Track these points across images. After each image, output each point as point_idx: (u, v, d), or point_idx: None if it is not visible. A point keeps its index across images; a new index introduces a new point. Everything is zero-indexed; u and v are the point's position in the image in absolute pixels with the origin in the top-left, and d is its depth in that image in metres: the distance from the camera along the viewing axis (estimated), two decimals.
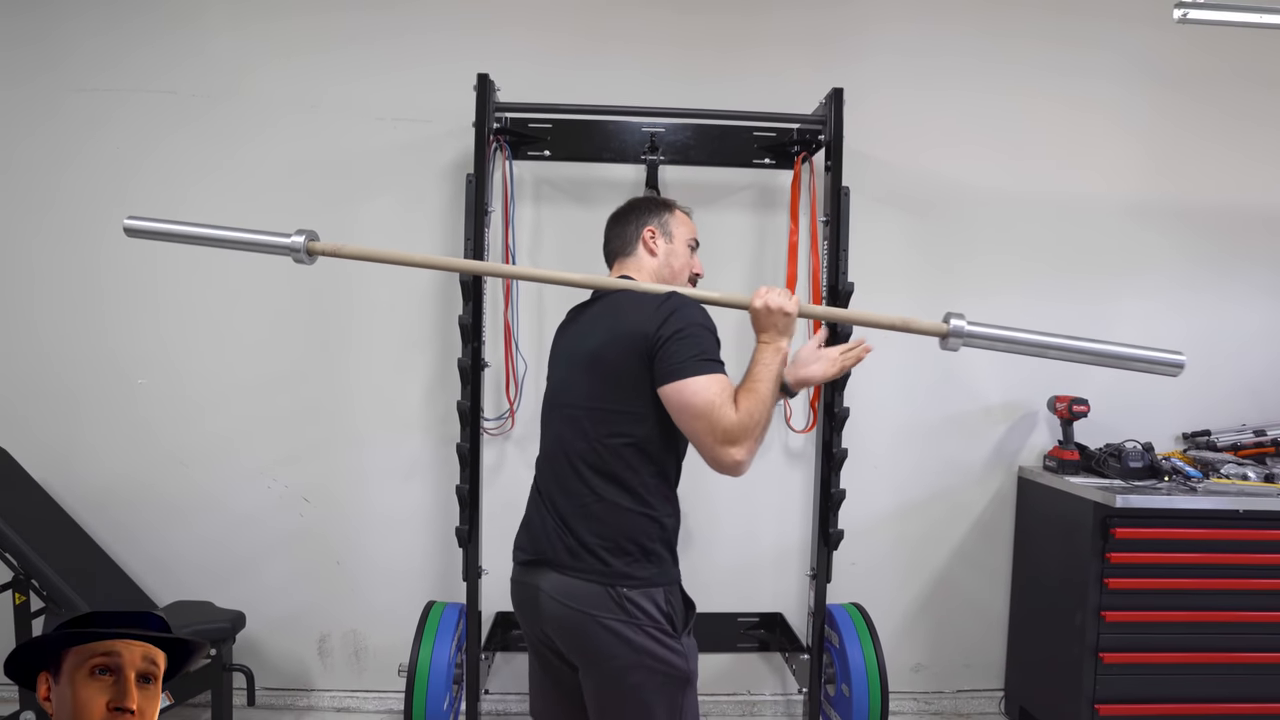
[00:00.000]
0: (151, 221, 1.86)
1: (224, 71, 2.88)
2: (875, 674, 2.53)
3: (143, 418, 2.91)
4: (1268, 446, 3.01)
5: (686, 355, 1.48)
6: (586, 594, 1.52)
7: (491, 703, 2.99)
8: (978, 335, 1.69)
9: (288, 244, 1.79)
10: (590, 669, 1.55)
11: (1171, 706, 2.62)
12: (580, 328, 1.69)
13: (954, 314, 1.70)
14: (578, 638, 1.53)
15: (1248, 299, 3.16)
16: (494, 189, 2.73)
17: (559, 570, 1.55)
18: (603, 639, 1.50)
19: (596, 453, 1.55)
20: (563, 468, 1.59)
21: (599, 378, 1.56)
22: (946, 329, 1.68)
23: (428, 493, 2.96)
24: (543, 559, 1.58)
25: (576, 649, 1.55)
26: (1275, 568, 2.62)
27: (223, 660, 2.64)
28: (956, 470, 3.09)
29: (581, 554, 1.53)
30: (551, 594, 1.55)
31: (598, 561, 1.52)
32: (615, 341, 1.55)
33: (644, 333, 1.51)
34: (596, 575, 1.52)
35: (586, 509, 1.55)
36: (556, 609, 1.54)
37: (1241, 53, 3.05)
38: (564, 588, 1.54)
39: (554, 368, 1.74)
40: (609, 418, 1.55)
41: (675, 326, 1.51)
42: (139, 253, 2.82)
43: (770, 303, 1.58)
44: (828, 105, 2.61)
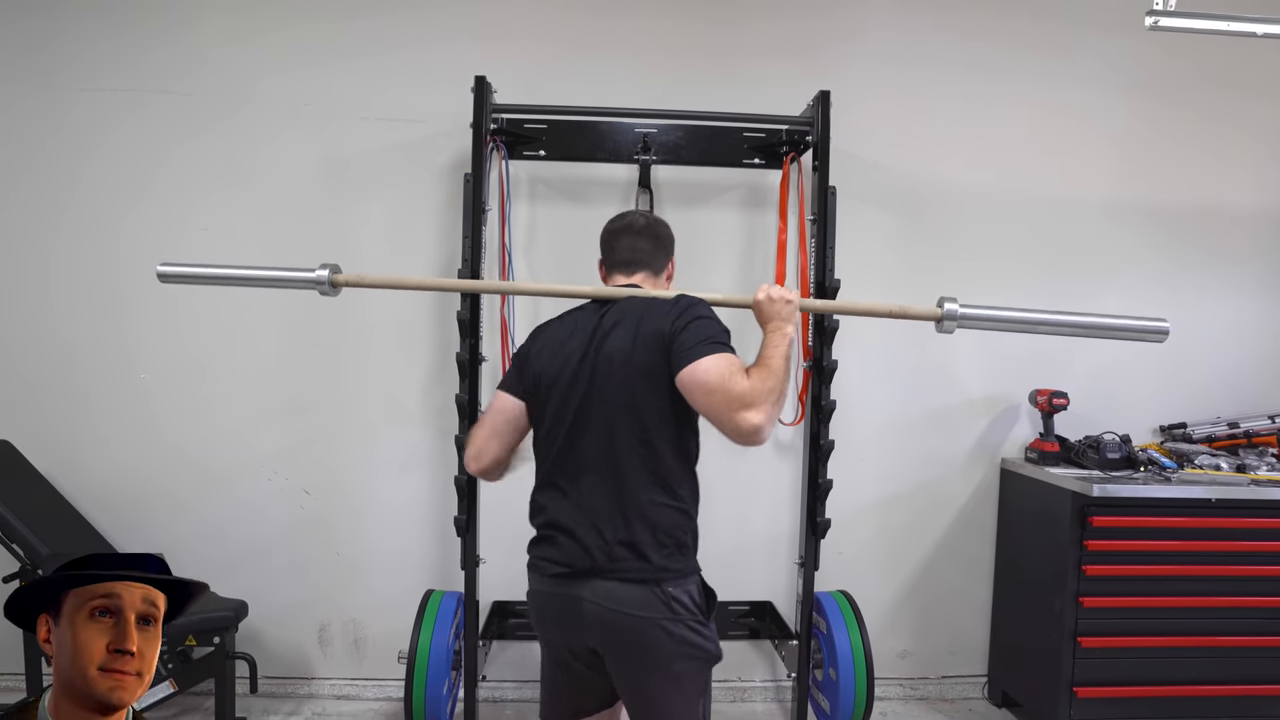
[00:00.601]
0: (183, 266, 2.00)
1: (221, 73, 2.94)
2: (861, 658, 2.61)
3: (146, 411, 2.97)
4: (1240, 438, 3.11)
5: (695, 341, 1.58)
6: (633, 597, 1.58)
7: (488, 689, 3.06)
8: (970, 317, 1.81)
9: (312, 278, 1.94)
10: (635, 665, 1.63)
11: (1148, 689, 2.71)
12: (596, 330, 1.68)
13: (947, 298, 1.81)
14: (626, 639, 1.60)
15: (1222, 296, 3.25)
16: (490, 188, 2.80)
17: (601, 577, 1.60)
18: (650, 637, 1.59)
19: (641, 457, 1.61)
20: (604, 474, 1.62)
21: (635, 385, 1.62)
22: (941, 313, 1.80)
23: (425, 485, 3.03)
24: (583, 570, 1.60)
25: (622, 649, 1.62)
26: (1246, 554, 2.71)
27: (225, 649, 2.70)
28: (941, 462, 3.18)
29: (624, 556, 1.59)
30: (598, 601, 1.59)
31: (639, 559, 1.59)
32: (644, 348, 1.62)
33: (661, 331, 1.61)
34: (639, 574, 1.59)
35: (637, 512, 1.60)
36: (604, 614, 1.59)
37: (1213, 58, 3.15)
38: (609, 593, 1.59)
39: (561, 371, 1.68)
40: (649, 423, 1.62)
41: (686, 320, 1.62)
42: (143, 249, 2.91)
43: (773, 293, 1.71)
44: (815, 107, 2.69)
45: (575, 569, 1.61)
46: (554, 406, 1.68)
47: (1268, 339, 3.28)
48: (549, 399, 1.68)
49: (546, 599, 1.69)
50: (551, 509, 1.68)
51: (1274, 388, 3.28)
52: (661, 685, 1.63)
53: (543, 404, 1.69)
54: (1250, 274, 3.26)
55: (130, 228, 2.93)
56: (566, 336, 1.72)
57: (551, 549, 1.66)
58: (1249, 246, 3.25)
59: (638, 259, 1.81)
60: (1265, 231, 3.25)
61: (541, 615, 1.72)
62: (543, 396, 1.69)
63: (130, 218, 2.93)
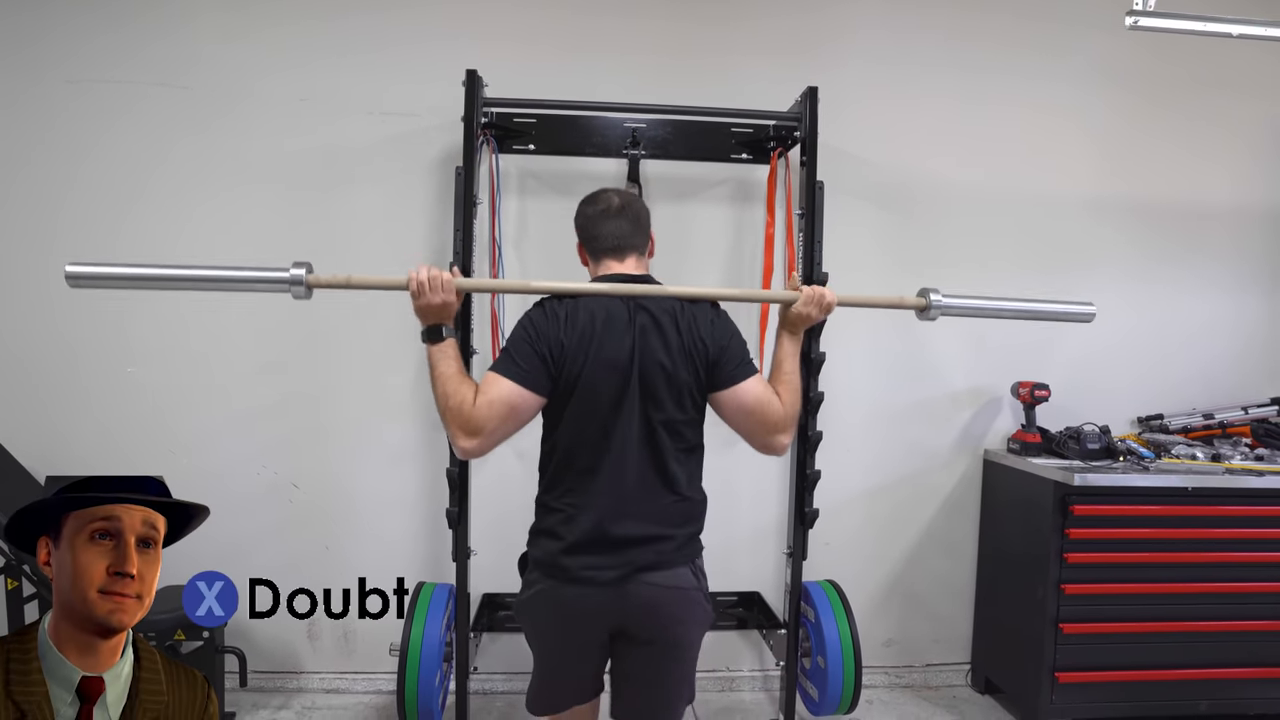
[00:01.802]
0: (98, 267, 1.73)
1: (213, 65, 2.92)
2: (850, 646, 2.65)
3: (132, 406, 2.95)
4: (1215, 429, 3.19)
5: (736, 362, 1.70)
6: (678, 577, 1.71)
7: (479, 681, 3.07)
8: (950, 306, 2.04)
9: (285, 278, 1.74)
10: (667, 634, 1.72)
11: (1127, 674, 2.78)
12: (633, 328, 1.67)
13: (930, 289, 2.02)
14: (671, 610, 1.70)
15: (1200, 291, 3.33)
16: (481, 181, 2.80)
17: (651, 570, 1.68)
18: (686, 608, 1.72)
19: (683, 460, 1.72)
20: (644, 476, 1.68)
21: (682, 399, 1.68)
22: (926, 302, 2.01)
23: (414, 478, 3.04)
24: (634, 568, 1.66)
25: (662, 621, 1.70)
26: (1221, 541, 2.78)
27: (215, 643, 2.69)
28: (925, 453, 3.23)
29: (668, 549, 1.70)
30: (647, 582, 1.67)
31: (677, 547, 1.72)
32: (685, 364, 1.67)
33: (704, 349, 1.68)
34: (679, 556, 1.72)
35: (679, 510, 1.73)
36: (653, 593, 1.68)
37: (1194, 57, 3.22)
38: (657, 577, 1.69)
39: (605, 372, 1.65)
40: (685, 429, 1.72)
41: (726, 338, 1.71)
42: (126, 243, 2.89)
43: (811, 315, 1.79)
44: (803, 103, 2.72)
45: (628, 571, 1.66)
46: (590, 409, 1.66)
47: (1243, 332, 3.36)
48: (587, 402, 1.65)
49: (583, 596, 1.67)
50: (586, 522, 1.66)
51: (1248, 380, 3.36)
52: (681, 652, 1.76)
53: (575, 404, 1.66)
54: (1227, 269, 3.34)
55: (125, 223, 2.90)
56: (596, 334, 1.65)
57: (601, 558, 1.66)
58: (1226, 242, 3.33)
59: (623, 243, 1.78)
60: (1242, 228, 3.33)
61: (576, 610, 1.69)
62: (579, 398, 1.65)
63: (127, 213, 2.91)
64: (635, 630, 1.70)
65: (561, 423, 1.69)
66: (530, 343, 1.66)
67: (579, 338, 1.65)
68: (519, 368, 1.64)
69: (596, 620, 1.70)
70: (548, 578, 1.70)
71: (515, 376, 1.63)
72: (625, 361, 1.65)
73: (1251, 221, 3.34)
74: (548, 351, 1.65)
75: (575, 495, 1.69)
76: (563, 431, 1.69)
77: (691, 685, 1.83)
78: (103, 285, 1.74)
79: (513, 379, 1.63)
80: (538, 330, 1.67)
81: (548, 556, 1.70)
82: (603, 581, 1.65)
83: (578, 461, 1.68)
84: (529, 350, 1.65)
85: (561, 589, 1.68)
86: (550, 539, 1.70)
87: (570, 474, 1.70)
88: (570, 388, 1.65)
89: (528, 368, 1.64)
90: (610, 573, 1.65)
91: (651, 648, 1.72)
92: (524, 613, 1.78)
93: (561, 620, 1.72)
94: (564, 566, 1.67)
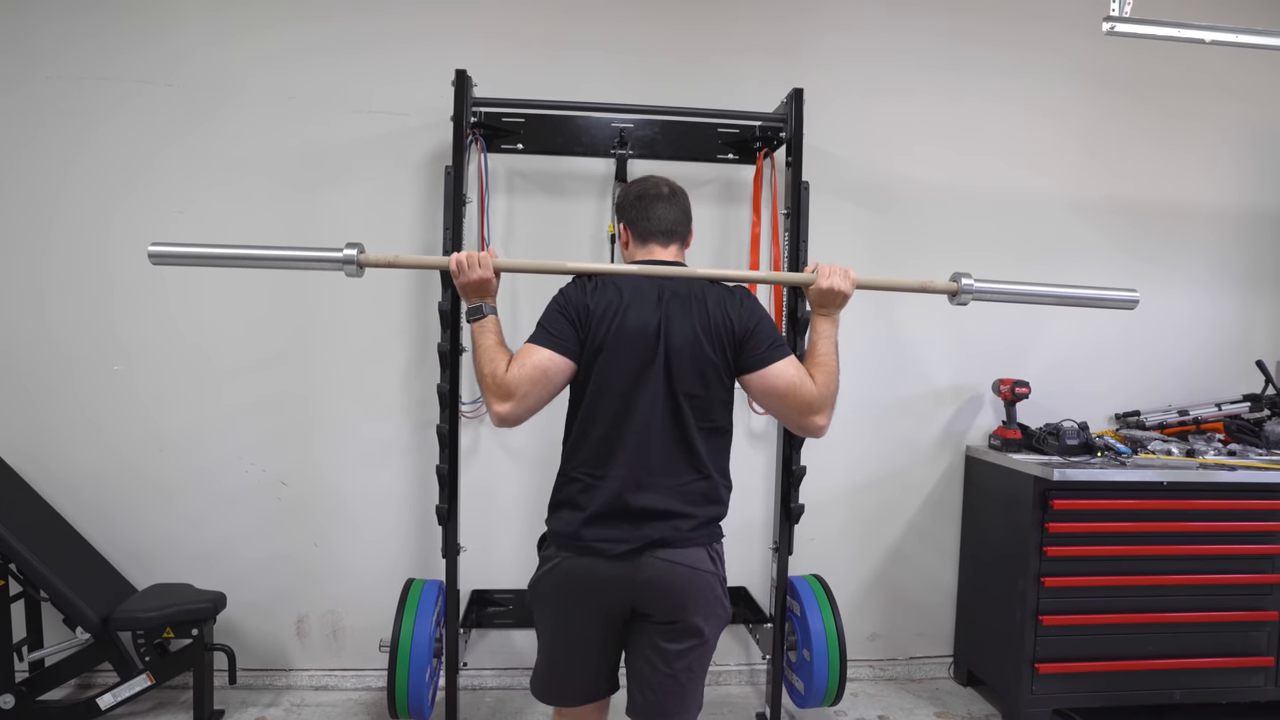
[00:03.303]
0: (180, 246, 1.91)
1: (201, 62, 2.92)
2: (835, 639, 2.70)
3: (120, 404, 2.94)
4: (1190, 425, 3.26)
5: (766, 344, 1.71)
6: (692, 557, 1.70)
7: (468, 677, 3.09)
8: (982, 291, 2.02)
9: (339, 258, 1.84)
10: (679, 617, 1.70)
11: (1105, 664, 2.84)
12: (660, 305, 1.70)
13: (962, 274, 2.00)
14: (683, 591, 1.68)
15: (1178, 290, 3.40)
16: (469, 180, 2.83)
17: (665, 546, 1.68)
18: (698, 593, 1.70)
19: (709, 439, 1.73)
20: (668, 450, 1.69)
21: (708, 377, 1.70)
22: (957, 286, 1.99)
23: (403, 475, 3.05)
24: (648, 542, 1.67)
25: (674, 600, 1.69)
26: (1195, 534, 2.85)
27: (204, 640, 2.70)
28: (908, 449, 3.28)
29: (685, 527, 1.69)
30: (660, 558, 1.67)
31: (695, 526, 1.70)
32: (711, 343, 1.70)
33: (730, 328, 1.71)
34: (696, 536, 1.71)
35: (696, 488, 1.71)
36: (665, 569, 1.67)
37: (1173, 61, 3.29)
38: (670, 554, 1.68)
39: (630, 339, 1.68)
40: (713, 407, 1.73)
41: (754, 320, 1.73)
42: (115, 241, 2.88)
43: (835, 285, 1.81)
44: (789, 104, 2.76)
45: (644, 542, 1.66)
46: (615, 375, 1.68)
47: (1219, 331, 3.44)
48: (613, 365, 1.68)
49: (596, 569, 1.68)
50: (608, 493, 1.67)
51: (1223, 377, 3.44)
52: (700, 644, 1.73)
53: (600, 367, 1.68)
54: (1205, 269, 3.41)
55: (111, 219, 2.90)
56: (623, 305, 1.69)
57: (615, 529, 1.67)
58: (1204, 243, 3.40)
59: (674, 229, 1.81)
60: (1220, 228, 3.41)
61: (578, 577, 1.70)
62: (604, 361, 1.68)
63: (113, 209, 2.90)
64: (647, 608, 1.70)
65: (587, 391, 1.71)
66: (560, 310, 1.72)
67: (606, 305, 1.70)
68: (549, 334, 1.69)
69: (605, 593, 1.69)
70: (563, 551, 1.72)
71: (545, 342, 1.68)
72: (652, 333, 1.68)
73: (1229, 222, 3.42)
74: (575, 316, 1.70)
75: (596, 465, 1.70)
76: (588, 400, 1.71)
77: (701, 693, 1.80)
78: (178, 263, 1.95)
79: (543, 344, 1.68)
80: (567, 299, 1.73)
81: (567, 529, 1.71)
82: (615, 555, 1.66)
83: (599, 430, 1.69)
84: (559, 317, 1.71)
85: (575, 560, 1.70)
86: (570, 509, 1.72)
87: (591, 443, 1.70)
88: (596, 352, 1.68)
89: (557, 333, 1.69)
90: (623, 546, 1.66)
91: (662, 628, 1.71)
92: (536, 589, 1.79)
93: (571, 593, 1.72)
94: (581, 538, 1.68)
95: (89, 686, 2.93)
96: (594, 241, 3.07)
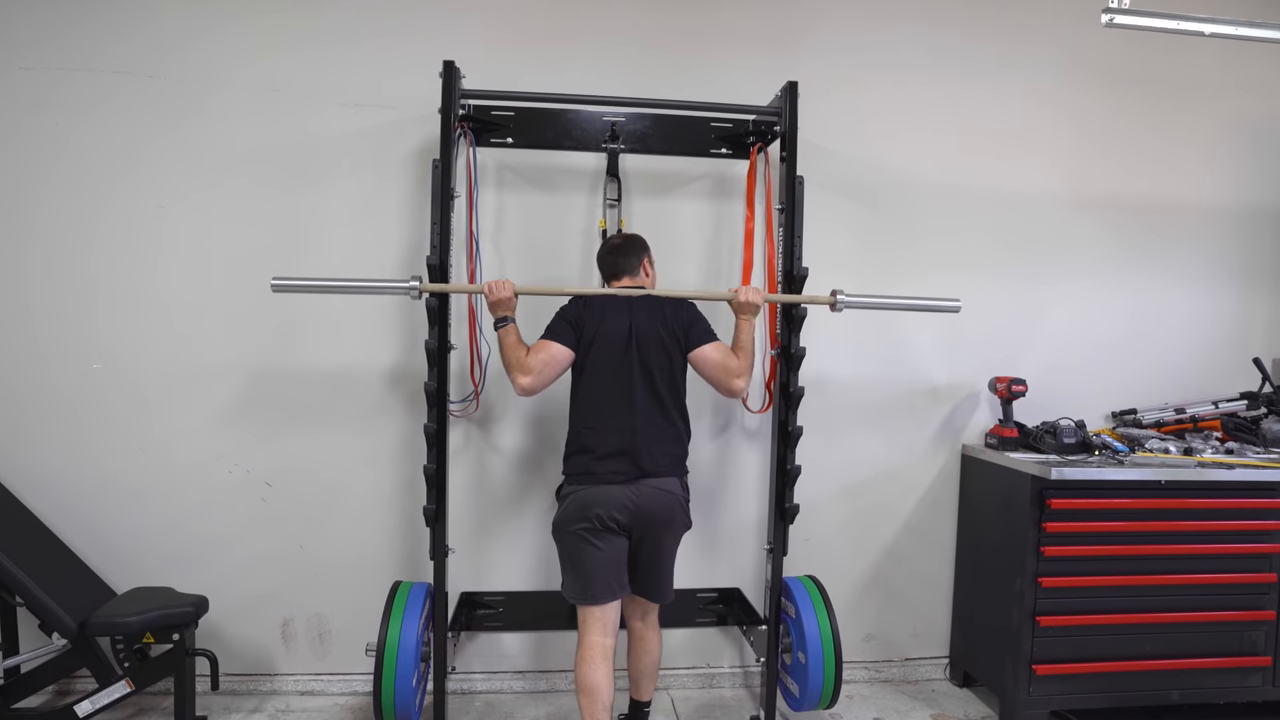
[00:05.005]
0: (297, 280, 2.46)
1: (183, 54, 2.85)
2: (830, 641, 2.65)
3: (99, 404, 2.87)
4: (1187, 423, 3.23)
5: (702, 333, 2.51)
6: (670, 484, 2.44)
7: (457, 681, 3.03)
8: (852, 303, 2.61)
9: (404, 287, 2.46)
10: (663, 523, 2.43)
11: (1104, 665, 2.81)
12: (630, 314, 2.46)
13: (837, 290, 2.60)
14: (662, 507, 2.41)
15: (1176, 286, 3.38)
16: (458, 175, 2.77)
17: (653, 476, 2.40)
18: (673, 508, 2.45)
19: (673, 397, 2.48)
20: (647, 407, 2.43)
21: (672, 355, 2.46)
22: (834, 300, 2.59)
23: (390, 476, 2.99)
24: (641, 472, 2.39)
25: (661, 512, 2.41)
26: (1193, 533, 2.82)
27: (185, 645, 2.63)
28: (904, 448, 3.24)
29: (665, 463, 2.44)
30: (650, 484, 2.40)
31: (671, 462, 2.46)
32: (669, 333, 2.47)
33: (681, 325, 2.50)
34: (673, 468, 2.46)
35: (670, 433, 2.46)
36: (653, 493, 2.40)
37: (1170, 55, 3.27)
38: (656, 483, 2.41)
39: (611, 335, 2.42)
40: (675, 375, 2.48)
41: (692, 319, 2.52)
42: (94, 236, 2.82)
43: (750, 298, 2.52)
44: (783, 97, 2.72)
45: (639, 474, 2.39)
46: (603, 359, 2.42)
47: (1216, 328, 3.42)
48: (601, 353, 2.42)
49: (607, 492, 2.38)
50: (609, 439, 2.40)
51: (1219, 375, 3.42)
52: (673, 543, 2.51)
53: (593, 355, 2.43)
54: (1202, 265, 3.39)
55: (92, 215, 2.83)
56: (606, 311, 2.46)
57: (618, 464, 2.39)
58: (1201, 239, 3.38)
59: (618, 270, 2.57)
60: (1216, 225, 3.39)
61: (593, 501, 2.37)
62: (595, 351, 2.43)
63: (94, 204, 2.83)
64: (645, 516, 2.40)
65: (584, 372, 2.46)
66: (562, 318, 2.50)
67: (591, 314, 2.47)
68: (556, 333, 2.45)
69: (616, 508, 2.37)
70: (580, 484, 2.41)
71: (552, 336, 2.45)
72: (625, 330, 2.45)
73: (1226, 219, 3.40)
74: (574, 320, 2.47)
75: (598, 419, 2.44)
76: (586, 377, 2.46)
77: (672, 575, 2.54)
78: (299, 291, 2.48)
79: (551, 338, 2.45)
80: (565, 311, 2.51)
81: (582, 466, 2.42)
82: (620, 480, 2.39)
83: (597, 397, 2.44)
84: (562, 323, 2.48)
85: (591, 489, 2.39)
86: (583, 454, 2.43)
87: (591, 407, 2.45)
88: (589, 344, 2.44)
89: (560, 331, 2.45)
90: (624, 475, 2.39)
91: (654, 530, 2.43)
92: (561, 518, 2.43)
93: (594, 508, 2.37)
94: (595, 471, 2.40)
95: (67, 693, 2.86)
96: (585, 237, 3.01)
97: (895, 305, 2.72)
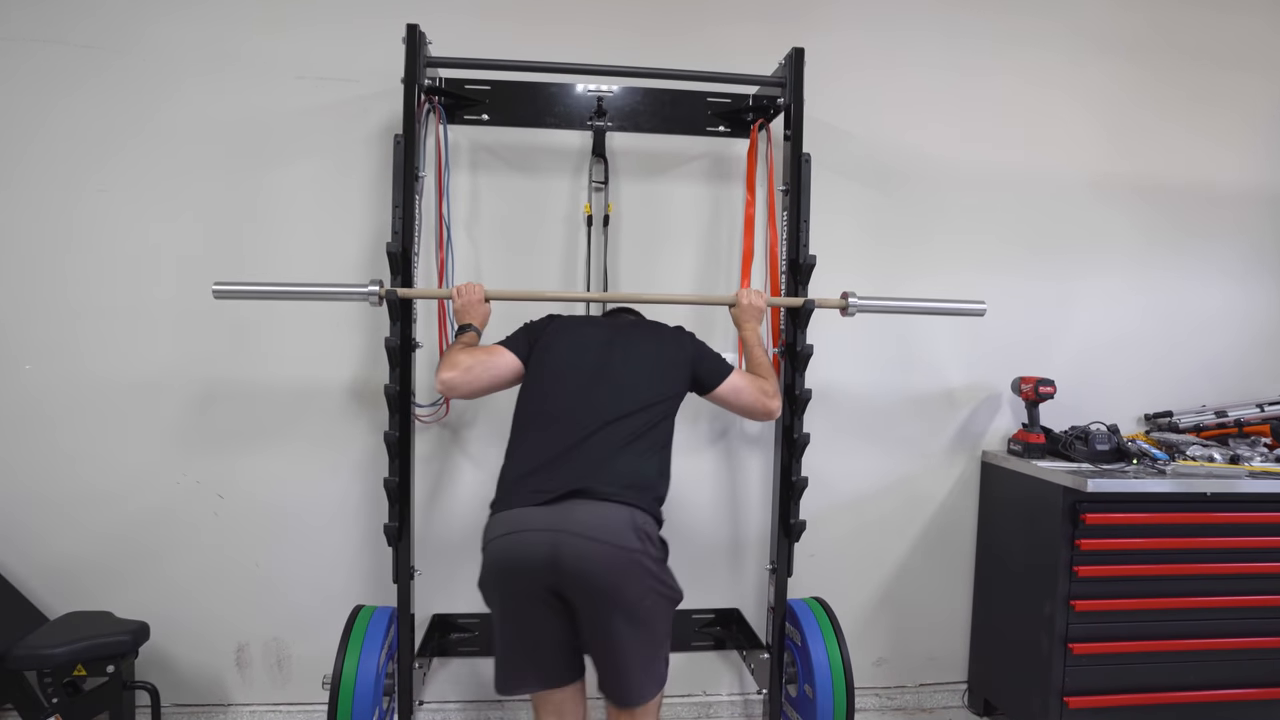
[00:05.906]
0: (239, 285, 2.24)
1: (121, 20, 2.57)
2: (840, 674, 2.37)
3: (27, 409, 2.59)
4: (1230, 427, 2.95)
5: (715, 365, 2.17)
6: (618, 522, 1.79)
7: (428, 713, 2.76)
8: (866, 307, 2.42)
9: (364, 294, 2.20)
10: (609, 598, 1.76)
11: (1144, 696, 2.54)
12: (613, 331, 2.16)
13: (849, 291, 2.41)
14: (610, 567, 1.76)
15: (1209, 279, 3.11)
16: (427, 155, 2.50)
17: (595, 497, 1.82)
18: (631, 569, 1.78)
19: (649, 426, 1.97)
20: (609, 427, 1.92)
21: (668, 384, 2.06)
22: (846, 303, 2.40)
23: (355, 488, 2.71)
24: (578, 491, 1.82)
25: (601, 584, 1.76)
26: (1244, 551, 2.55)
27: (122, 677, 2.37)
28: (918, 455, 2.96)
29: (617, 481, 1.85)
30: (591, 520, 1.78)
31: (633, 485, 1.87)
32: (669, 362, 2.10)
33: (681, 356, 2.13)
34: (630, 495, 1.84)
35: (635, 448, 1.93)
36: (587, 543, 1.75)
37: (1197, 31, 3.00)
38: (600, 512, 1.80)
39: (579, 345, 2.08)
40: (668, 416, 2.04)
41: (694, 348, 2.17)
42: (25, 224, 2.55)
43: (754, 302, 2.32)
44: (787, 66, 2.44)
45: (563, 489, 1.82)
46: (558, 369, 2.03)
47: (1251, 323, 3.14)
48: (558, 360, 2.05)
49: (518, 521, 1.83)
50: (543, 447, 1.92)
51: (1256, 373, 3.14)
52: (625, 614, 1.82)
53: (549, 360, 2.06)
54: (1235, 255, 3.11)
55: (20, 199, 2.56)
56: (583, 325, 2.19)
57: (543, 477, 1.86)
58: (1234, 227, 3.10)
59: None
60: (1250, 211, 3.11)
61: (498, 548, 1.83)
62: (551, 355, 2.06)
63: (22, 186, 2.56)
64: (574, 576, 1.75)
65: (534, 379, 2.07)
66: (525, 328, 2.18)
67: (561, 326, 2.16)
68: (509, 338, 2.15)
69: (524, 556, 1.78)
70: (493, 512, 1.94)
71: (504, 341, 2.13)
72: (603, 342, 2.11)
73: (1260, 205, 3.12)
74: (537, 331, 2.15)
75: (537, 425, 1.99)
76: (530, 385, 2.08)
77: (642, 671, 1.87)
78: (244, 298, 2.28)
79: (502, 342, 2.13)
80: (532, 323, 2.19)
81: (501, 487, 1.96)
82: (541, 500, 1.83)
83: (542, 403, 2.01)
84: (520, 332, 2.17)
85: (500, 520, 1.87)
86: (506, 470, 1.98)
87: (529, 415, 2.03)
88: (545, 349, 2.08)
89: (515, 339, 2.14)
90: (546, 493, 1.83)
91: (590, 600, 1.77)
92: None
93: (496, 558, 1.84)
94: (512, 491, 1.91)
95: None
96: (568, 224, 2.74)
97: (914, 309, 2.52)
